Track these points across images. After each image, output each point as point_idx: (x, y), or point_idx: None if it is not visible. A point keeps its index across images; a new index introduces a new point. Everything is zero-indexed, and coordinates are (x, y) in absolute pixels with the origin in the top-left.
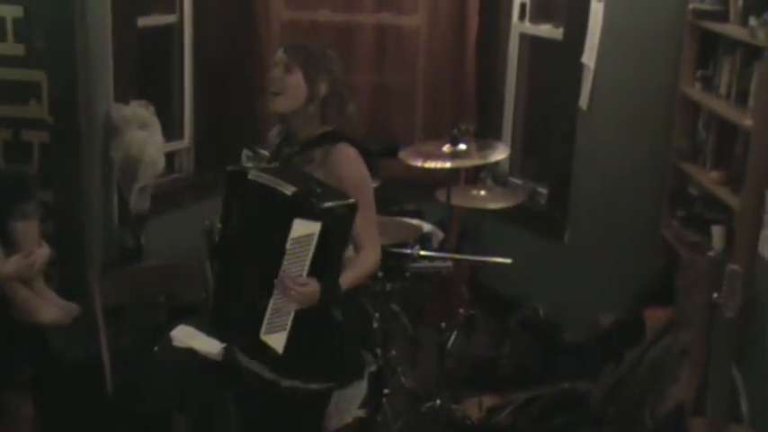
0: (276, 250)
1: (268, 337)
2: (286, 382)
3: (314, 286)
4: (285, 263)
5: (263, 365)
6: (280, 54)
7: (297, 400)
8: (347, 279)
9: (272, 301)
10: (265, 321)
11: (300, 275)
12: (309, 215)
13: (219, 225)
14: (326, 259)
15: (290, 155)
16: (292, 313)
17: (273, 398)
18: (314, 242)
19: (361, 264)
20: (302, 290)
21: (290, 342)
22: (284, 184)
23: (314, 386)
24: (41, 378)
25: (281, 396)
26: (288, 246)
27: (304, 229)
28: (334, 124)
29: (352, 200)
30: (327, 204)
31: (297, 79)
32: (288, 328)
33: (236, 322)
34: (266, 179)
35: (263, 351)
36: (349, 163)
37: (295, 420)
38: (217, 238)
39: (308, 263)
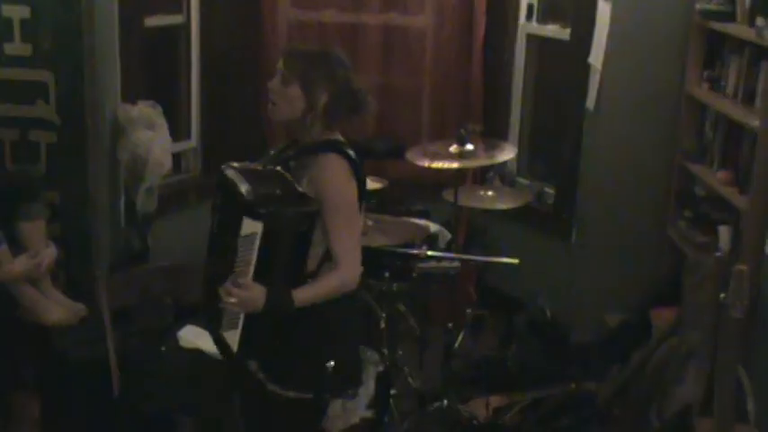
0: (232, 248)
1: (225, 334)
2: (270, 386)
3: (255, 292)
4: (237, 261)
5: (258, 367)
6: (280, 63)
7: (281, 404)
8: (306, 293)
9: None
10: (223, 318)
11: (246, 276)
12: (254, 214)
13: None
14: (273, 263)
15: (287, 159)
16: (242, 314)
17: (267, 400)
18: (257, 242)
19: (326, 281)
20: (243, 294)
21: (267, 347)
22: (244, 182)
23: (291, 394)
24: (47, 378)
25: (270, 399)
26: (238, 244)
27: (249, 228)
28: (340, 130)
29: (309, 208)
30: (273, 207)
31: (293, 91)
32: (239, 327)
33: (212, 318)
34: (234, 176)
35: (259, 353)
36: (329, 177)
37: (283, 425)
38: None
39: (252, 264)
